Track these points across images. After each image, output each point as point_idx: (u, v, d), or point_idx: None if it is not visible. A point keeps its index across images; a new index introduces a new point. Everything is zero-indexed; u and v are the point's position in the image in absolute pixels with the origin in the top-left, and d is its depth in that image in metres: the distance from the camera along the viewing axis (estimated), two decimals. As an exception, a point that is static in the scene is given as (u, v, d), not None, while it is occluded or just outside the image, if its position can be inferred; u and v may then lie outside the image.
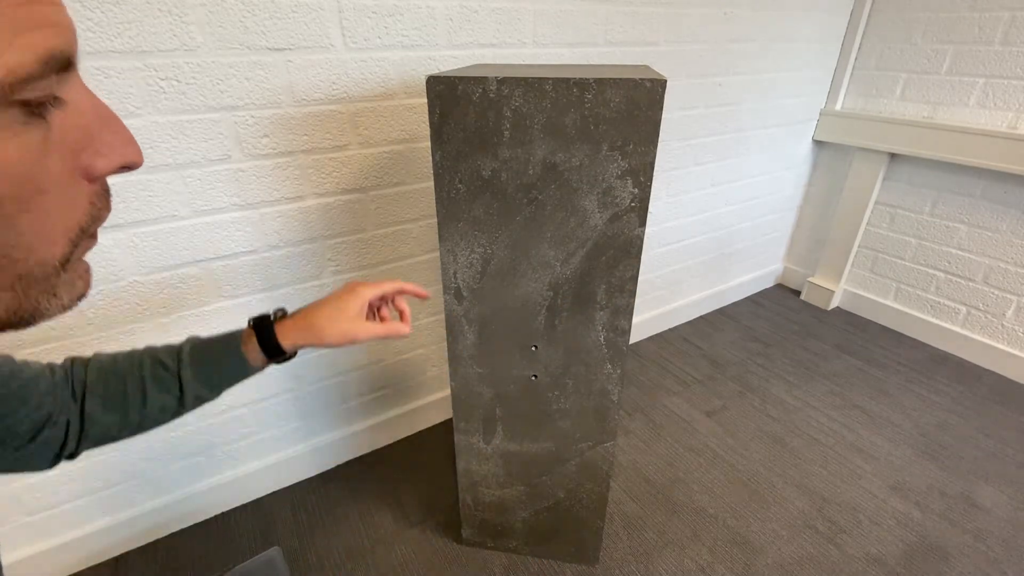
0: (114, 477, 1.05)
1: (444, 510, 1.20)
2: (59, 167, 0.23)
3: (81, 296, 0.27)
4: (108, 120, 0.26)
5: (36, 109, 0.22)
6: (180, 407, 0.54)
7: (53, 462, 0.49)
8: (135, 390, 0.51)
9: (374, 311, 0.65)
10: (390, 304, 0.68)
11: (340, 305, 0.59)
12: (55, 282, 0.25)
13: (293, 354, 0.58)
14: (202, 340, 0.56)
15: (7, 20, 0.20)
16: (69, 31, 0.22)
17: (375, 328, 0.60)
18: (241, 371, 0.56)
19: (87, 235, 0.26)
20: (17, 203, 0.22)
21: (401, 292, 0.66)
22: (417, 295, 0.68)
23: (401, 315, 0.67)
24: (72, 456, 0.50)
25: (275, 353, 0.56)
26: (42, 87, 0.21)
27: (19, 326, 0.25)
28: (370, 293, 0.62)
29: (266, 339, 0.55)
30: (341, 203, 1.05)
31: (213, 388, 0.56)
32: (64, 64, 0.22)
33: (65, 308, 0.26)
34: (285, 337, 0.56)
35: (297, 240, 1.04)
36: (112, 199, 0.28)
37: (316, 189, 1.02)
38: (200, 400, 0.55)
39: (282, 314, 0.58)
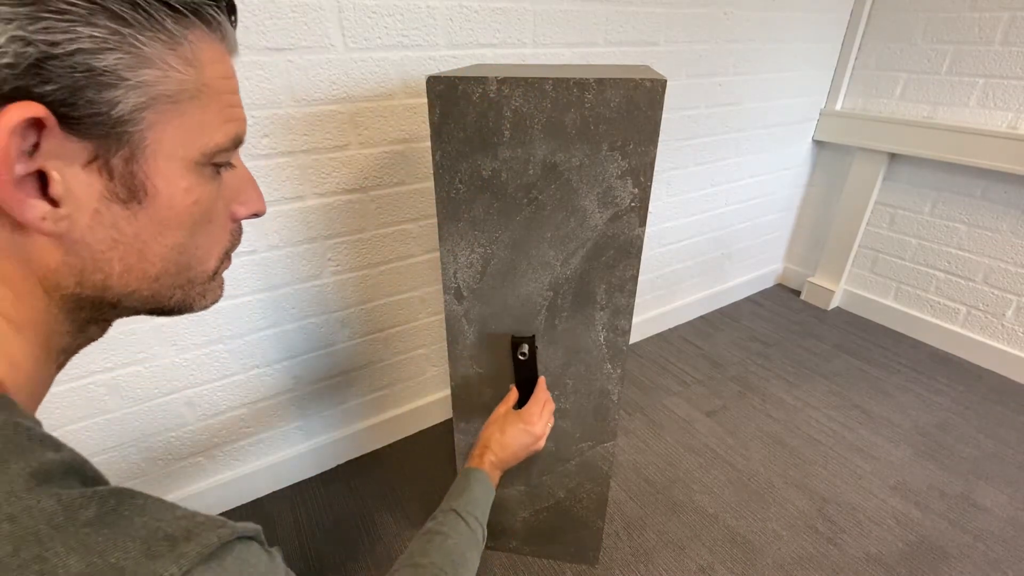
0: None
1: (444, 510, 1.20)
2: (222, 208, 0.34)
3: (215, 301, 0.37)
4: (251, 182, 0.37)
5: (219, 169, 0.33)
6: None
7: None
8: None
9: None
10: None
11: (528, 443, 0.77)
12: (205, 288, 0.36)
13: None
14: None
15: (221, 110, 0.31)
16: (245, 123, 0.34)
17: (536, 419, 0.79)
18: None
19: (227, 257, 0.37)
20: (202, 226, 0.33)
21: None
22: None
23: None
24: None
25: None
26: (225, 156, 0.33)
27: (174, 314, 0.35)
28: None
29: None
30: (341, 203, 1.05)
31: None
32: (239, 144, 0.34)
33: (205, 308, 0.36)
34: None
35: (297, 240, 1.04)
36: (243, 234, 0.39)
37: (316, 189, 1.02)
38: None
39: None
